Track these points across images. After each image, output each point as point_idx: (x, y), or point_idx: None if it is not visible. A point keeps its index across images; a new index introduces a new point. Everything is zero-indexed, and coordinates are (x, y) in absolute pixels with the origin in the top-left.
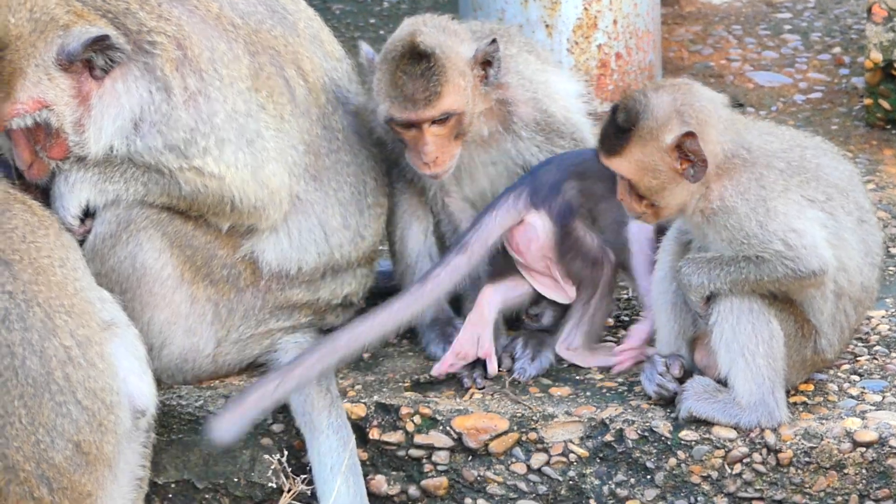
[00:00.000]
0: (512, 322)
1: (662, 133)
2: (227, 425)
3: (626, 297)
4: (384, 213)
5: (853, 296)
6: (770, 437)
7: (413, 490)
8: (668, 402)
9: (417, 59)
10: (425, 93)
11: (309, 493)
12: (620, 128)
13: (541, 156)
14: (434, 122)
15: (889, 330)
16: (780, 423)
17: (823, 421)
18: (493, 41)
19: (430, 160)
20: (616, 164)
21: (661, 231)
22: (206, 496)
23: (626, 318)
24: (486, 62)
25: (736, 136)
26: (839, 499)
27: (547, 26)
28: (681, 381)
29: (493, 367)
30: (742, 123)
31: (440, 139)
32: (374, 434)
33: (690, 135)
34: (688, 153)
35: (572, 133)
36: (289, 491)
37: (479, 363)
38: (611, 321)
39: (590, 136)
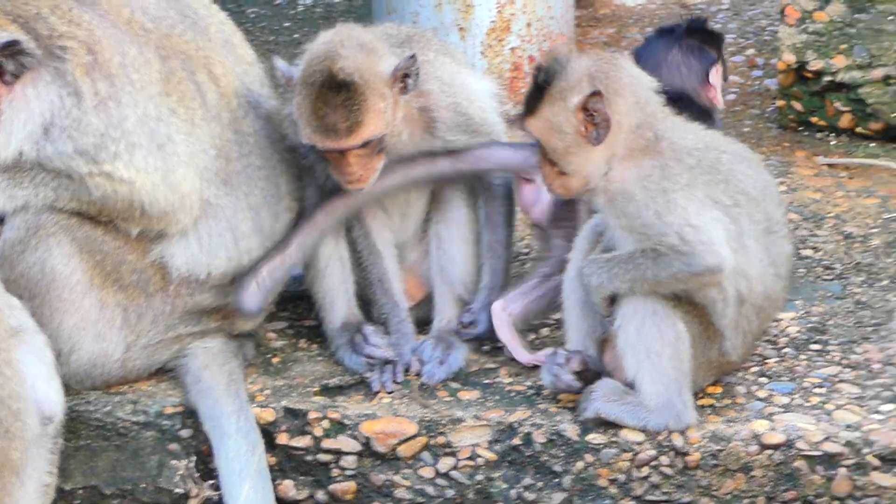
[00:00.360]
0: (421, 325)
1: (571, 93)
2: (251, 297)
3: None
4: (295, 217)
5: (755, 303)
6: (677, 440)
7: (321, 495)
8: (559, 394)
9: (337, 89)
10: (346, 123)
11: (216, 498)
12: (538, 87)
13: None
14: (356, 148)
15: (798, 332)
16: (687, 425)
17: (731, 423)
18: (411, 57)
19: (354, 179)
20: (531, 124)
21: None
22: (114, 502)
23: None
24: (405, 75)
25: (649, 119)
26: (746, 501)
27: (461, 29)
28: (586, 380)
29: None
30: (662, 113)
31: (363, 159)
32: (282, 439)
33: (597, 94)
34: (593, 114)
35: (489, 133)
36: (195, 496)
37: (388, 366)
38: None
39: (503, 134)
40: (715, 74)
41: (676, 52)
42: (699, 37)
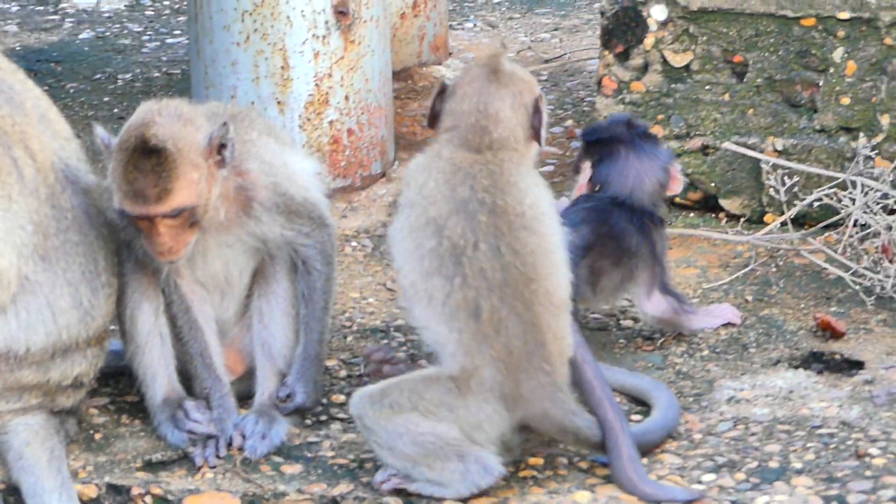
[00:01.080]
0: (243, 400)
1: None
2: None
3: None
4: (115, 292)
5: None
6: None
7: None
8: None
9: (148, 154)
10: (156, 189)
11: None
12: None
13: (282, 234)
14: (166, 215)
15: (620, 403)
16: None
17: (553, 495)
18: (224, 124)
19: (164, 250)
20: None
21: None
22: None
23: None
24: (221, 146)
25: None
26: None
27: (279, 103)
28: None
29: None
30: None
31: (173, 230)
32: None
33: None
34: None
35: (310, 212)
36: None
37: (210, 441)
38: None
39: (327, 212)
40: (676, 170)
41: (635, 159)
42: (645, 137)
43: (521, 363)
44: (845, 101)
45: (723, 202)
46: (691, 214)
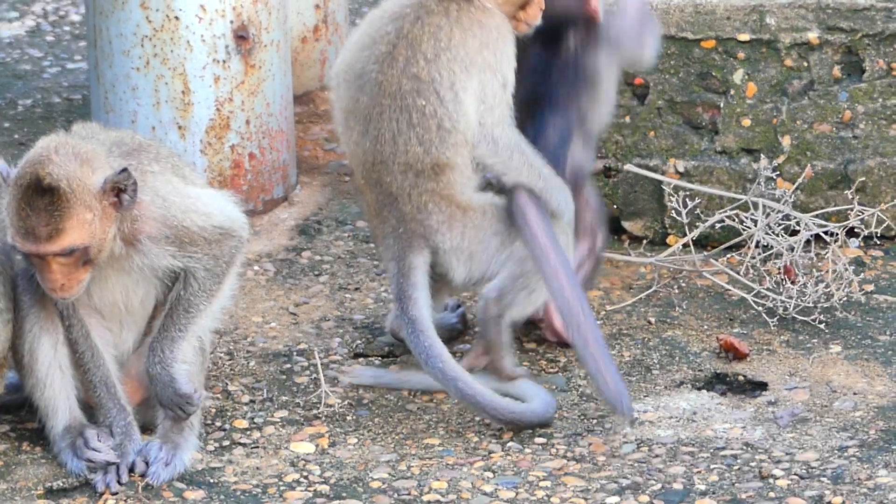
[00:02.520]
0: (144, 428)
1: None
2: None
3: None
4: (11, 322)
5: None
6: None
7: None
8: None
9: (42, 192)
10: (47, 228)
11: None
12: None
13: (173, 263)
14: (57, 254)
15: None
16: None
17: None
18: (124, 170)
19: (56, 287)
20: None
21: None
22: None
23: None
24: (120, 189)
25: None
26: None
27: (180, 128)
28: None
29: None
30: None
31: (66, 268)
32: None
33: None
34: None
35: (208, 235)
36: None
37: (112, 467)
38: None
39: (235, 223)
40: None
41: None
42: None
43: None
44: (746, 122)
45: (625, 224)
46: None
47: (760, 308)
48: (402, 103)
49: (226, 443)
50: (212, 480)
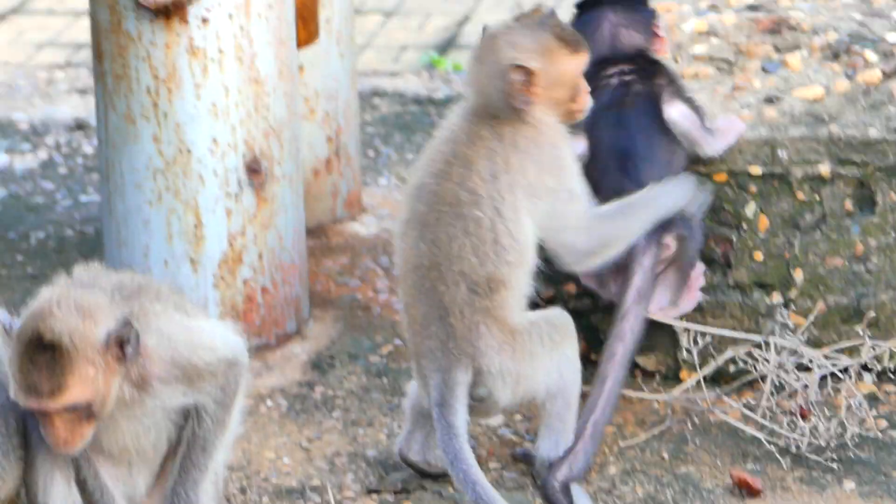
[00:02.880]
0: None
1: None
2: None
3: None
4: (23, 459)
5: None
6: None
7: None
8: None
9: (43, 349)
10: (49, 385)
11: None
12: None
13: (186, 399)
14: (59, 411)
15: None
16: None
17: None
18: (127, 323)
19: (59, 442)
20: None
21: None
22: None
23: None
24: (122, 341)
25: None
26: None
27: (192, 262)
28: None
29: None
30: None
31: (69, 423)
32: None
33: None
34: None
35: (215, 369)
36: None
37: None
38: None
39: (236, 353)
40: (660, 26)
41: (613, 15)
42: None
43: None
44: (758, 256)
45: (638, 359)
46: None
47: (774, 446)
48: (459, 211)
49: None
50: None
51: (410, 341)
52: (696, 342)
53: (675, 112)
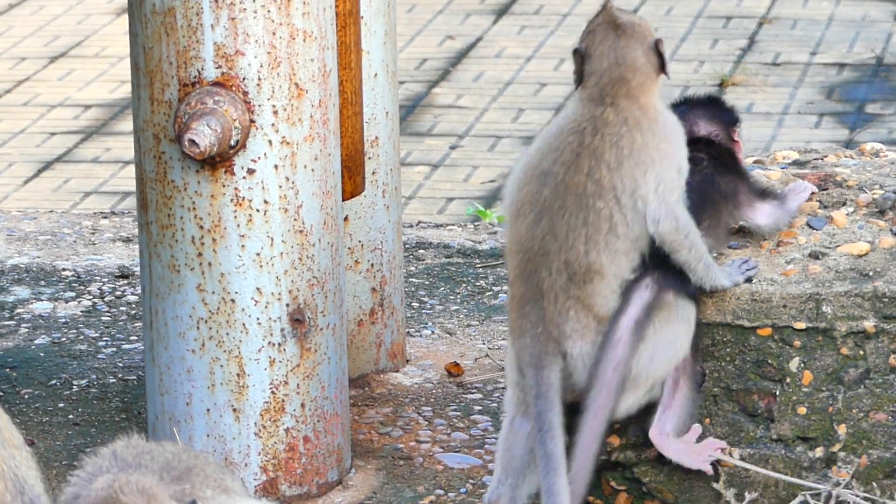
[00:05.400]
0: None
1: None
2: None
3: None
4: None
5: None
6: None
7: None
8: None
9: None
10: None
11: None
12: None
13: None
14: None
15: None
16: None
17: None
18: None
19: None
20: None
21: None
22: None
23: None
24: None
25: None
26: None
27: (234, 410)
28: None
29: None
30: None
31: None
32: None
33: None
34: None
35: None
36: None
37: None
38: None
39: None
40: (738, 133)
41: (700, 110)
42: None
43: None
44: (802, 410)
45: None
46: None
47: None
48: (584, 202)
49: None
50: None
51: (510, 322)
52: (741, 498)
53: (761, 218)
